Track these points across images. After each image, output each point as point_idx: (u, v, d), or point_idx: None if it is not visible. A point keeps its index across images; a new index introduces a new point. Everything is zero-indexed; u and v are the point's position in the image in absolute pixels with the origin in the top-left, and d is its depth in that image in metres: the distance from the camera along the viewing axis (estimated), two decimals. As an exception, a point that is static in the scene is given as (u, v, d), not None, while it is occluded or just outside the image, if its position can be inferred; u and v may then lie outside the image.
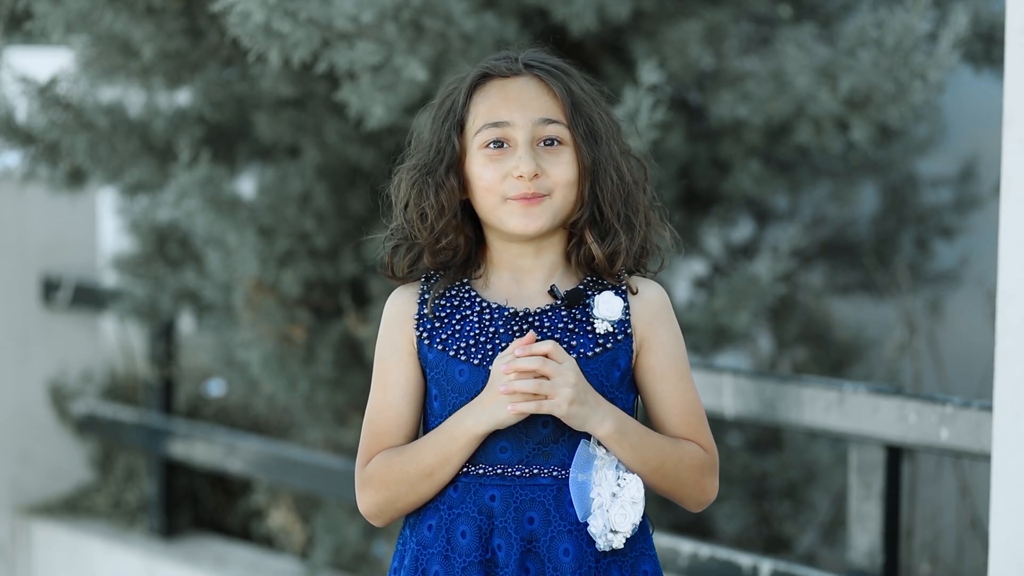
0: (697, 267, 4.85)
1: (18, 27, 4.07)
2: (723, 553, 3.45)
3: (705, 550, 3.47)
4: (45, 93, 4.09)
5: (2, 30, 4.09)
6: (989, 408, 2.98)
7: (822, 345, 4.82)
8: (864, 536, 3.26)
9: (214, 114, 4.29)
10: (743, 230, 4.94)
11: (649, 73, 3.52)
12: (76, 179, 4.32)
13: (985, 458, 3.00)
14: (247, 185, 4.74)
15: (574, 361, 2.29)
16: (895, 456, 3.24)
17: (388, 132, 4.07)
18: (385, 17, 3.33)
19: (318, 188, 4.17)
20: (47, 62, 4.43)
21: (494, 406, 2.28)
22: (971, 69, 4.18)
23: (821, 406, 3.29)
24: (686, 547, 3.49)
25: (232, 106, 4.30)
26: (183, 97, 4.50)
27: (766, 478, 4.58)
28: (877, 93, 3.65)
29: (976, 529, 4.28)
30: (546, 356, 2.27)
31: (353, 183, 4.25)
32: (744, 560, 3.40)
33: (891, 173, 4.81)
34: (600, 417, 2.29)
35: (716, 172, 4.25)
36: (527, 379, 2.26)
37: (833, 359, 4.79)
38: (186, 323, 5.32)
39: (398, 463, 2.35)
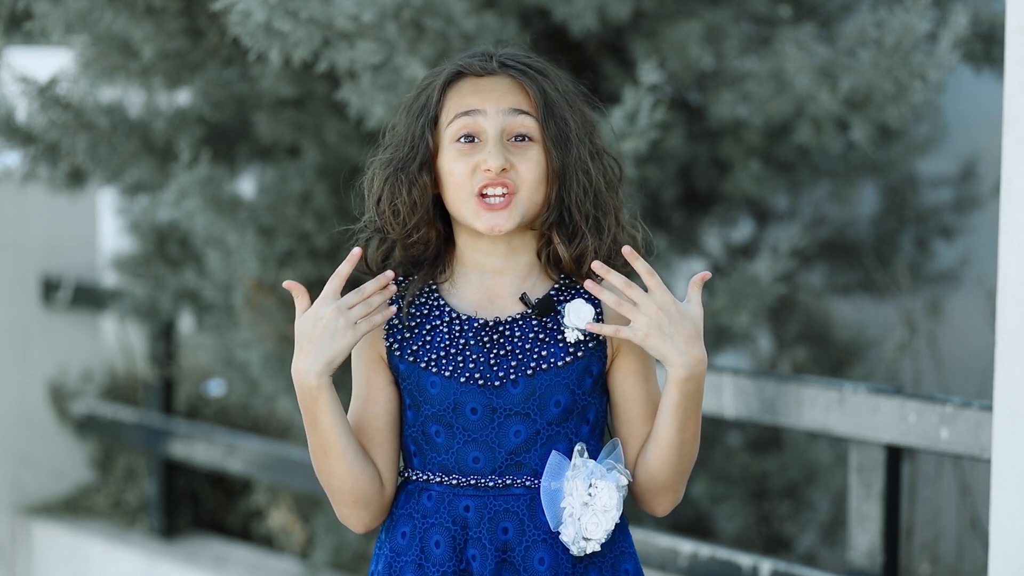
0: (697, 267, 4.84)
1: (18, 27, 4.07)
2: (723, 553, 3.45)
3: (705, 550, 3.47)
4: (45, 93, 4.09)
5: (2, 30, 4.09)
6: (989, 408, 2.98)
7: (822, 345, 4.82)
8: (864, 536, 3.26)
9: (214, 114, 4.29)
10: (743, 230, 4.94)
11: (649, 73, 3.52)
12: (76, 179, 4.32)
13: (985, 459, 3.00)
14: (247, 185, 4.74)
15: (667, 294, 2.25)
16: (895, 456, 3.24)
17: (388, 132, 4.07)
18: (386, 16, 3.33)
19: (318, 188, 4.17)
20: (47, 62, 4.43)
21: (319, 349, 2.26)
22: (971, 69, 4.18)
23: (821, 406, 3.29)
24: (686, 547, 3.49)
25: (232, 106, 4.30)
26: (183, 97, 4.50)
27: (766, 478, 4.58)
28: (877, 93, 3.65)
29: (976, 529, 4.28)
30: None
31: (353, 183, 4.25)
32: (744, 560, 3.40)
33: (891, 173, 4.81)
34: (679, 356, 2.25)
35: (716, 172, 4.25)
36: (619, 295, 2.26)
37: (833, 359, 4.79)
38: (186, 323, 5.32)
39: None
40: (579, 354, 2.32)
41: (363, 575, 4.59)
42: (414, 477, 2.35)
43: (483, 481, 2.30)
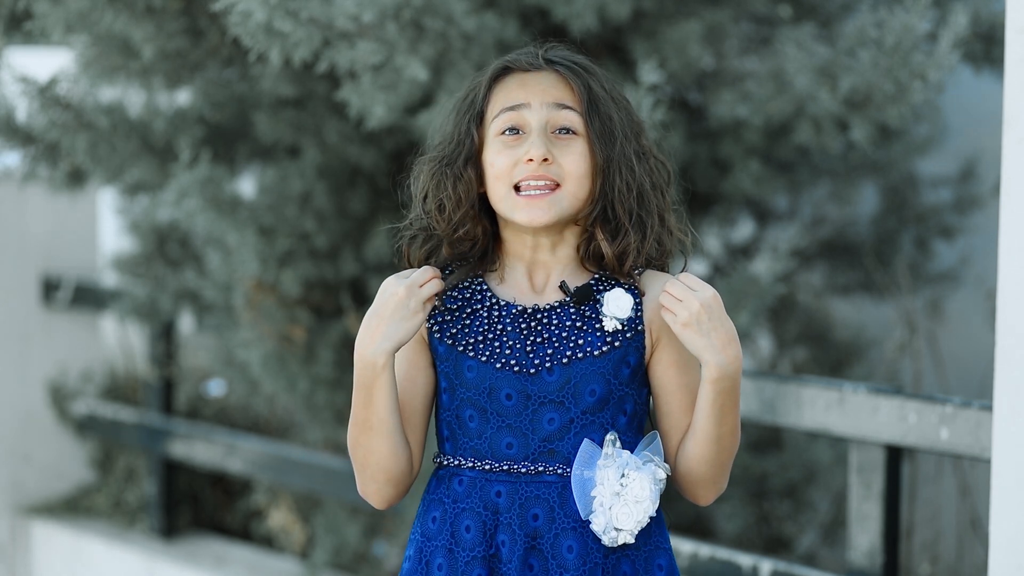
0: (697, 267, 4.85)
1: (18, 27, 4.07)
2: (723, 553, 3.45)
3: (705, 550, 3.47)
4: (45, 93, 4.09)
5: (2, 30, 4.09)
6: (989, 408, 2.98)
7: (822, 345, 4.82)
8: (864, 536, 3.26)
9: (214, 114, 4.29)
10: (743, 230, 4.94)
11: (649, 73, 3.52)
12: (76, 179, 4.33)
13: (985, 459, 3.00)
14: (247, 185, 4.74)
15: (714, 295, 2.27)
16: (895, 456, 3.24)
17: (388, 132, 4.07)
18: (386, 17, 3.33)
19: (318, 188, 4.17)
20: (47, 62, 4.43)
21: (388, 328, 2.28)
22: (971, 69, 4.18)
23: (821, 406, 3.29)
24: (686, 547, 3.49)
25: (232, 106, 4.30)
26: (183, 97, 4.50)
27: (766, 478, 4.58)
28: (877, 93, 3.65)
29: (976, 529, 4.28)
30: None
31: (353, 183, 4.25)
32: (744, 560, 3.40)
33: (891, 173, 4.81)
34: (714, 355, 2.26)
35: (716, 172, 4.25)
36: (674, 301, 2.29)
37: (833, 359, 4.79)
38: (186, 323, 5.32)
39: (348, 429, 2.36)
40: (616, 344, 2.34)
41: (363, 575, 4.59)
42: (445, 462, 2.37)
43: (516, 467, 2.32)
